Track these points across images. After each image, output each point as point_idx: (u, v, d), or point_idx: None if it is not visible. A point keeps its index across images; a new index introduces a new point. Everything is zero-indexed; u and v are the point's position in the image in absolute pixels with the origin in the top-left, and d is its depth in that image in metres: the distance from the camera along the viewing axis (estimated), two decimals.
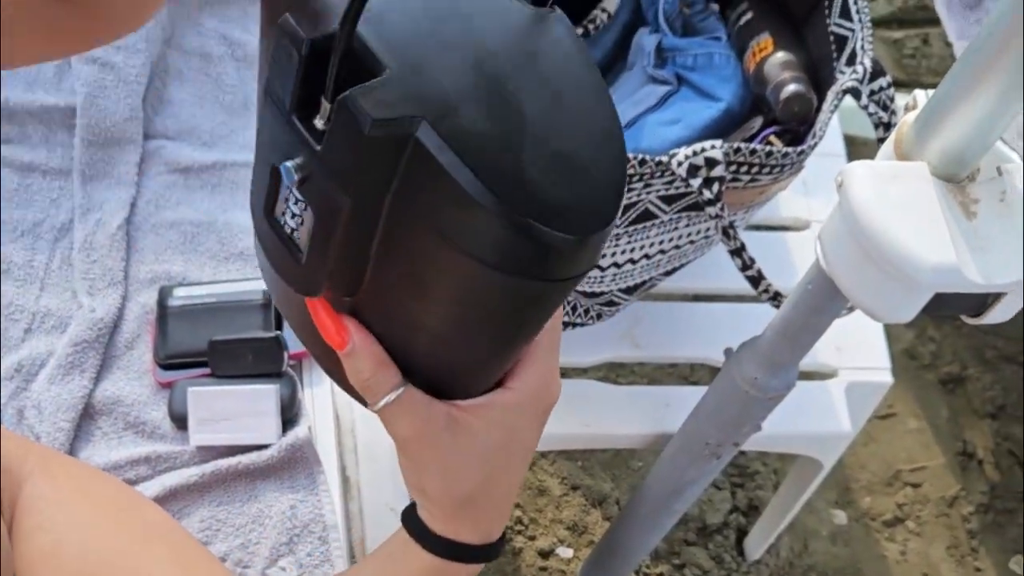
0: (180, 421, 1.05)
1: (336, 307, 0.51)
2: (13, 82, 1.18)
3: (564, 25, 0.47)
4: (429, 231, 0.43)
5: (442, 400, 0.55)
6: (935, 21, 1.42)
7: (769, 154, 0.90)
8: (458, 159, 0.40)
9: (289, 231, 0.48)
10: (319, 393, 1.10)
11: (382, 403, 0.54)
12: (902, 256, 0.66)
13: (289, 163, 0.44)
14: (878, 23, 1.99)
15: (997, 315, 0.70)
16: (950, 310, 0.71)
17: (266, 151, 0.47)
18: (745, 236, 1.18)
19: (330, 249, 0.46)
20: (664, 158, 0.88)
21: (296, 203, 0.47)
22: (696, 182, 0.89)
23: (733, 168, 0.90)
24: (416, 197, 0.42)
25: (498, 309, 0.47)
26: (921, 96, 0.71)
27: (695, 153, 0.88)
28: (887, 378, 1.26)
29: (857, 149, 1.73)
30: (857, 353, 1.25)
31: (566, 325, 1.14)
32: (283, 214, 0.48)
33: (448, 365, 0.53)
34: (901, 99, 1.71)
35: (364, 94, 0.40)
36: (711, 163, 0.88)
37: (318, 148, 0.42)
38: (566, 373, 1.49)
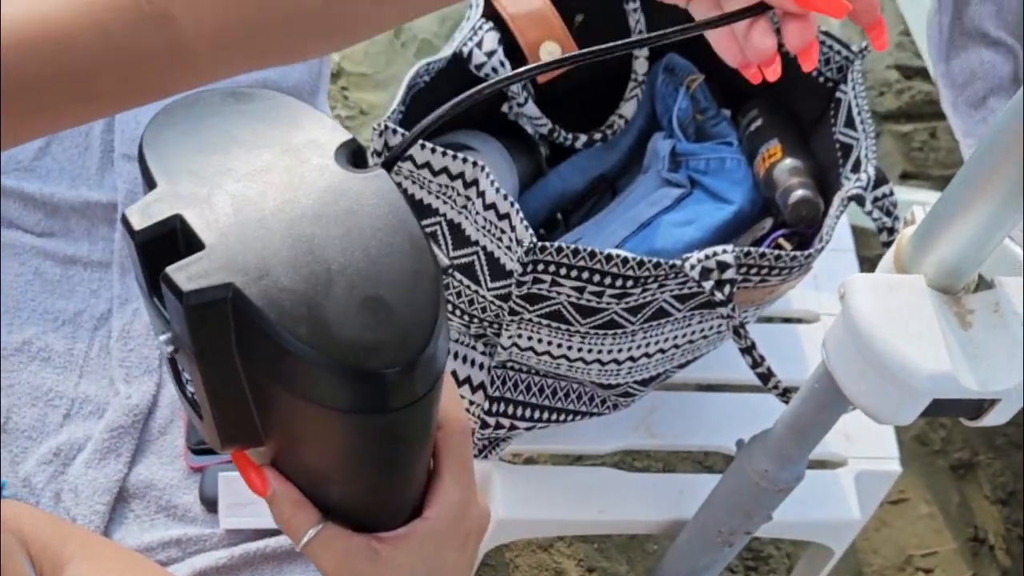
0: (211, 504, 1.08)
1: (256, 457, 0.56)
2: (59, 179, 1.24)
3: (384, 181, 0.51)
4: (274, 382, 0.48)
5: (364, 533, 0.59)
6: (942, 115, 1.47)
7: (778, 257, 0.95)
8: (272, 316, 0.45)
9: (190, 395, 0.53)
10: None
11: (304, 540, 0.58)
12: (900, 364, 0.70)
13: (161, 337, 0.49)
14: (886, 117, 2.05)
15: (993, 418, 0.74)
16: (948, 413, 0.75)
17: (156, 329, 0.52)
18: (756, 328, 1.22)
19: (216, 408, 0.51)
20: (678, 262, 0.93)
21: (184, 371, 0.52)
22: (708, 284, 0.93)
23: (744, 270, 0.95)
24: (253, 354, 0.48)
25: (359, 445, 0.51)
26: (919, 212, 0.76)
27: (707, 257, 0.93)
28: (896, 467, 1.29)
29: (865, 239, 1.78)
30: (866, 442, 1.28)
31: (583, 415, 1.17)
32: (186, 381, 0.53)
33: (356, 502, 0.58)
34: (909, 192, 1.76)
35: (178, 269, 0.46)
36: (723, 266, 0.93)
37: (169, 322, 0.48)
38: (583, 460, 1.53)
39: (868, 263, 1.76)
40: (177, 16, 0.58)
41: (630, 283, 0.94)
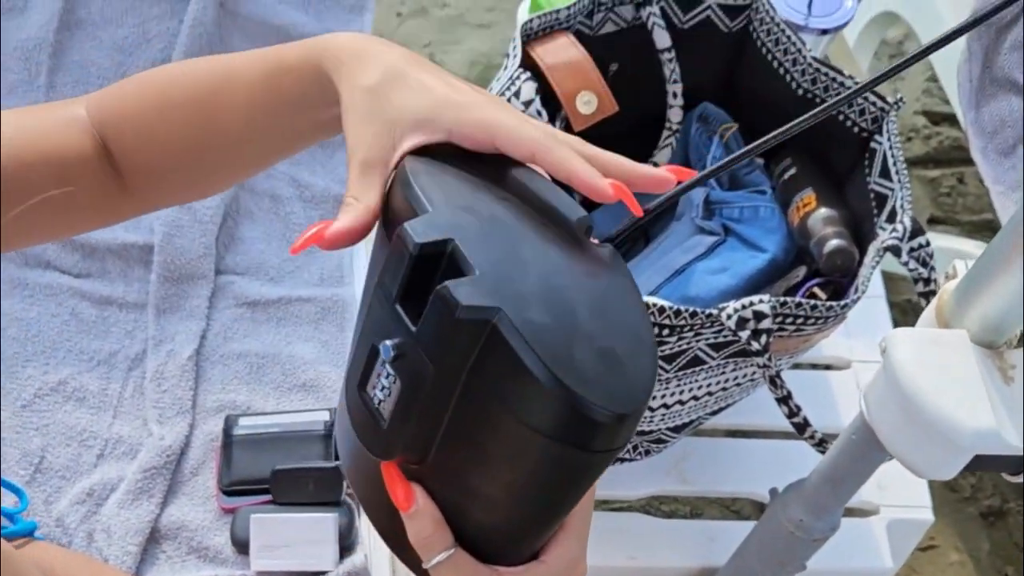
0: (242, 546, 1.09)
1: (404, 473, 0.59)
2: None
3: (615, 255, 0.59)
4: (494, 402, 0.52)
5: (486, 564, 0.61)
6: (970, 161, 1.47)
7: (814, 307, 0.95)
8: (526, 344, 0.50)
9: (377, 403, 0.57)
10: None
11: (434, 561, 0.59)
12: (943, 420, 0.70)
13: (388, 342, 0.53)
14: (914, 162, 2.05)
15: None
16: (990, 468, 0.74)
17: (368, 334, 0.56)
18: (788, 375, 1.22)
19: (410, 418, 0.55)
20: (714, 311, 0.93)
21: (387, 377, 0.56)
22: (744, 334, 0.93)
23: (780, 320, 0.95)
24: (487, 373, 0.52)
25: (546, 477, 0.55)
26: (960, 266, 0.76)
27: (744, 306, 0.93)
28: (928, 516, 1.28)
29: (895, 285, 1.77)
30: (899, 491, 1.28)
31: (615, 460, 1.17)
32: (373, 387, 0.57)
33: (496, 530, 0.60)
34: (937, 239, 1.75)
35: (457, 286, 0.51)
36: (759, 316, 0.93)
37: (414, 329, 0.52)
38: (610, 504, 1.52)
39: (898, 308, 1.76)
40: (114, 152, 0.68)
41: (666, 331, 0.95)
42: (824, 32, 1.23)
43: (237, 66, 0.67)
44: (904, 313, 1.83)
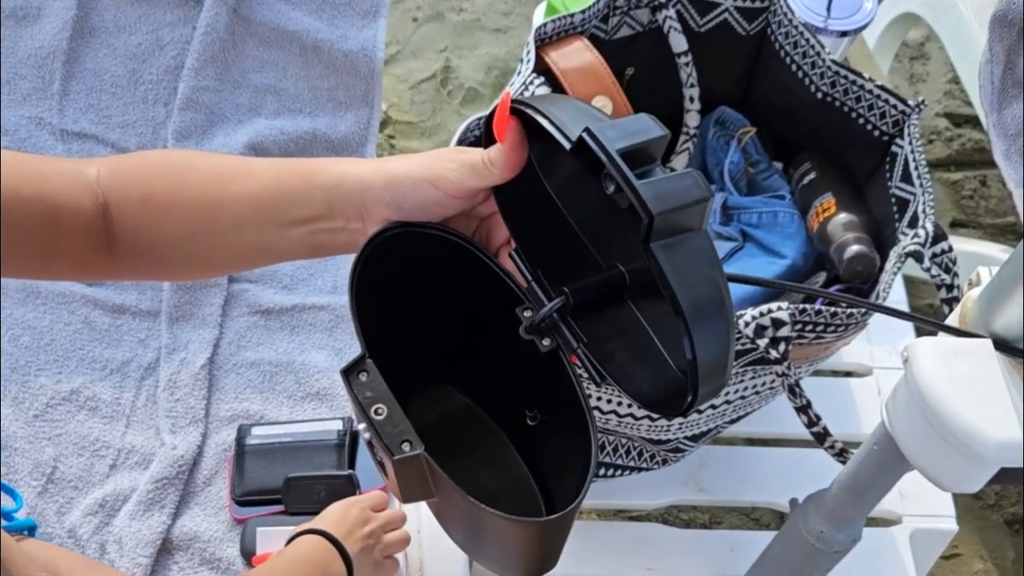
0: (251, 557, 1.08)
1: None
2: None
3: None
4: None
5: None
6: (993, 163, 1.44)
7: (834, 315, 0.93)
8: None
9: None
10: None
11: None
12: (968, 432, 0.68)
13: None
14: (936, 165, 2.02)
15: None
16: (1016, 481, 0.72)
17: None
18: (808, 382, 1.20)
19: None
20: None
21: None
22: (763, 342, 0.91)
23: (799, 327, 0.93)
24: None
25: None
26: (984, 273, 0.74)
27: (762, 314, 0.91)
28: (952, 525, 1.26)
29: (916, 288, 1.75)
30: (922, 500, 1.25)
31: (632, 470, 1.16)
32: None
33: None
34: (960, 243, 1.73)
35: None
36: (778, 324, 0.91)
37: None
38: (627, 513, 1.51)
39: (920, 312, 1.73)
40: (115, 217, 0.70)
41: None
42: (843, 34, 1.21)
43: (256, 163, 0.71)
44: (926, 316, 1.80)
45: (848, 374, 1.34)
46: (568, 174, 0.68)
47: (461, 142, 0.99)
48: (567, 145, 0.59)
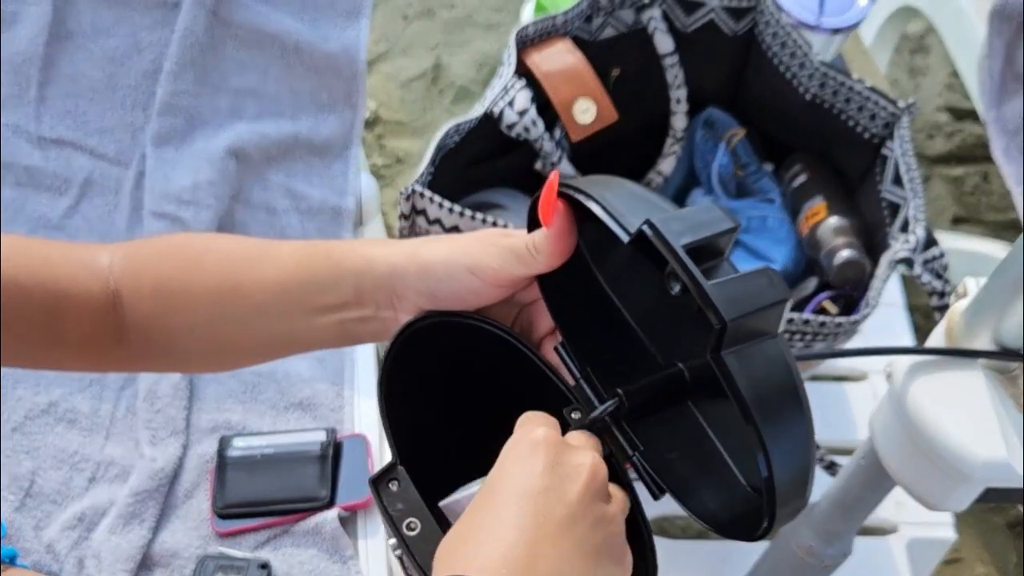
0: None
1: None
2: (88, 237, 1.23)
3: None
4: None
5: None
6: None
7: (823, 324, 0.91)
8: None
9: None
10: (372, 544, 1.10)
11: None
12: (952, 451, 0.65)
13: None
14: (936, 160, 1.99)
15: None
16: (1004, 500, 0.70)
17: None
18: None
19: None
20: None
21: None
22: None
23: (788, 336, 0.91)
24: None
25: None
26: (971, 284, 0.72)
27: None
28: (951, 533, 1.23)
29: (915, 288, 1.72)
30: (918, 508, 1.22)
31: None
32: None
33: None
34: (961, 241, 1.70)
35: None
36: None
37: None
38: None
39: (920, 312, 1.70)
40: (127, 306, 0.67)
41: None
42: (836, 31, 1.18)
43: (280, 246, 0.67)
44: (926, 317, 1.78)
45: (844, 379, 1.32)
46: (623, 264, 0.62)
47: (438, 151, 0.96)
48: (625, 238, 0.54)
